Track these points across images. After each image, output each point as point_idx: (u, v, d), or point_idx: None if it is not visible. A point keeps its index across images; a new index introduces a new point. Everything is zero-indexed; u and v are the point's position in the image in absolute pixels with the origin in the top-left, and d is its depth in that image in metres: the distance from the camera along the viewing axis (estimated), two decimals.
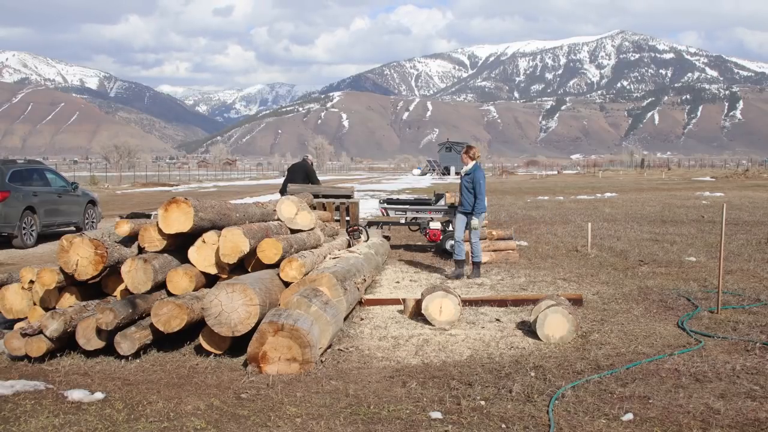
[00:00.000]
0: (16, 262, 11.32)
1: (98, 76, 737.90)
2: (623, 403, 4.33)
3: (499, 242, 10.87)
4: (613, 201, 25.61)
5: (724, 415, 4.11)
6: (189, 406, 4.38)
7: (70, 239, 5.79)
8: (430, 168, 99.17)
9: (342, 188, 12.31)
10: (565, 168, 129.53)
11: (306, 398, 4.51)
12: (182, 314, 5.49)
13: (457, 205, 10.01)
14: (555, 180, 60.33)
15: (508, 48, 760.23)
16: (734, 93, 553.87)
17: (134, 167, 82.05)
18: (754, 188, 34.66)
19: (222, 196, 32.86)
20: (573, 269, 9.83)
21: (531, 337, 6.06)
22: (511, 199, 28.40)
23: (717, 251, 9.57)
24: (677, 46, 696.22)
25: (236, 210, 6.79)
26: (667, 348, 5.63)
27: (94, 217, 16.31)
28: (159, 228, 5.97)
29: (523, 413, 4.18)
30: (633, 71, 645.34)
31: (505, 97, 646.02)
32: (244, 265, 6.47)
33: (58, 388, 4.77)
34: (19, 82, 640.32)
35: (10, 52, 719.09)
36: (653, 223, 16.40)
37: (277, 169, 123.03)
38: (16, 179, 13.59)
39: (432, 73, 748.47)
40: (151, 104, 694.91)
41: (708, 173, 64.01)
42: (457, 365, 5.23)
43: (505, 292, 8.19)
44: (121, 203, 28.27)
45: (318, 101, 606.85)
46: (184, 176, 76.09)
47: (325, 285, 6.22)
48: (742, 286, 8.30)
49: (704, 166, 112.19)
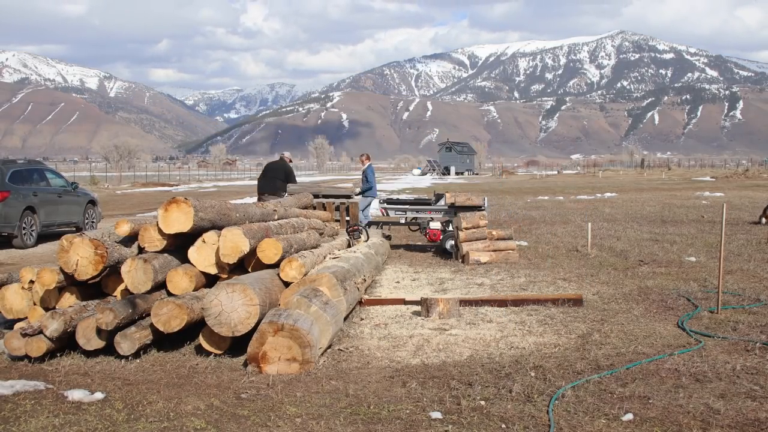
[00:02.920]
0: (16, 262, 11.32)
1: (98, 76, 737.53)
2: (623, 403, 4.33)
3: (499, 242, 10.87)
4: (613, 201, 25.61)
5: (724, 415, 4.11)
6: (189, 406, 4.38)
7: (70, 239, 5.79)
8: (430, 168, 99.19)
9: (342, 188, 12.31)
10: (565, 168, 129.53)
11: (306, 398, 4.51)
12: (182, 314, 5.49)
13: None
14: (555, 180, 60.34)
15: (508, 48, 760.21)
16: (734, 93, 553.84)
17: (134, 167, 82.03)
18: (754, 188, 34.67)
19: (222, 196, 32.85)
20: (573, 269, 9.83)
21: (530, 336, 6.07)
22: (511, 199, 28.40)
23: (717, 251, 9.57)
24: (677, 46, 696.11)
25: (236, 210, 6.79)
26: (667, 348, 5.63)
27: (94, 217, 16.31)
28: (159, 228, 5.96)
29: (523, 413, 4.18)
30: (633, 71, 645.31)
31: (505, 97, 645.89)
32: (244, 265, 6.46)
33: (58, 388, 4.76)
34: (19, 82, 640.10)
35: (10, 52, 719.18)
36: (653, 223, 16.40)
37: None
38: (16, 179, 13.59)
39: (432, 73, 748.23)
40: (151, 104, 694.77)
41: (708, 173, 64.01)
42: (457, 365, 5.23)
43: (505, 292, 8.18)
44: (121, 203, 28.27)
45: (318, 101, 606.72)
46: (184, 176, 76.09)
47: (325, 285, 6.21)
48: (742, 286, 8.30)
49: (704, 166, 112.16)
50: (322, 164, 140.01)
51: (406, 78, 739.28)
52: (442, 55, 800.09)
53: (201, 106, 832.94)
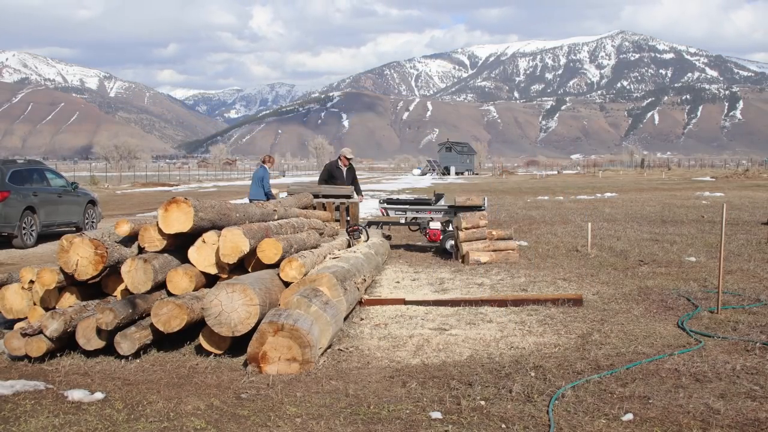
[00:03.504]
0: (16, 262, 11.32)
1: (98, 76, 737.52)
2: (623, 403, 4.33)
3: (499, 242, 10.86)
4: (613, 201, 25.61)
5: (724, 415, 4.11)
6: (189, 406, 4.38)
7: (70, 239, 5.79)
8: (430, 168, 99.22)
9: (342, 188, 12.29)
10: (565, 168, 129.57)
11: (306, 398, 4.51)
12: (182, 314, 5.49)
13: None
14: (555, 180, 60.33)
15: (508, 48, 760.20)
16: (734, 93, 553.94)
17: (134, 167, 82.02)
18: (754, 188, 34.66)
19: (222, 196, 32.84)
20: (573, 269, 9.82)
21: (530, 336, 6.06)
22: (511, 199, 28.40)
23: (717, 251, 9.57)
24: (677, 46, 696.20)
25: (236, 210, 6.79)
26: (667, 348, 5.63)
27: (94, 217, 16.32)
28: (159, 228, 5.96)
29: (523, 413, 4.18)
30: (633, 71, 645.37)
31: (505, 97, 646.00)
32: (244, 265, 6.46)
33: (58, 388, 4.77)
34: (19, 82, 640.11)
35: (10, 52, 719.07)
36: (653, 223, 16.40)
37: (277, 168, 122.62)
38: (16, 179, 13.59)
39: (432, 73, 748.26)
40: (151, 104, 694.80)
41: (708, 173, 64.02)
42: (457, 365, 5.23)
43: (505, 292, 8.18)
44: (121, 203, 28.28)
45: (318, 101, 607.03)
46: (184, 176, 76.09)
47: (325, 285, 6.21)
48: (742, 286, 8.30)
49: (704, 166, 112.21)
50: (322, 164, 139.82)
51: (406, 78, 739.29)
52: (442, 55, 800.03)
53: (201, 106, 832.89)
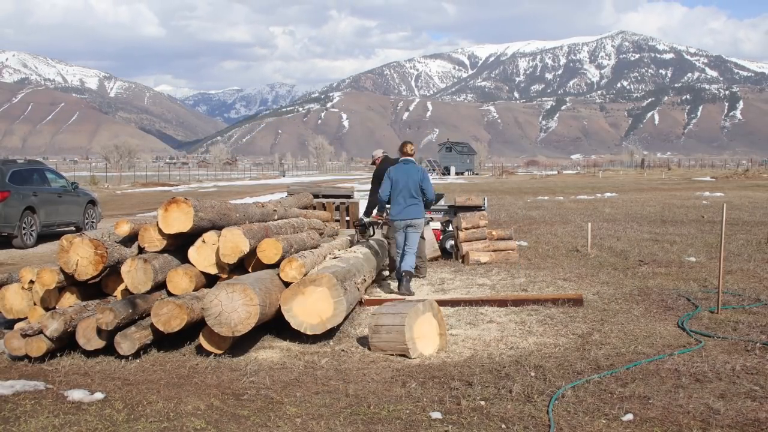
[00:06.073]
0: (16, 262, 11.31)
1: (98, 76, 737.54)
2: (623, 403, 4.33)
3: (499, 242, 10.86)
4: (613, 201, 25.61)
5: (724, 415, 4.11)
6: (189, 406, 4.38)
7: (70, 239, 5.79)
8: (430, 168, 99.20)
9: (342, 188, 12.29)
10: (565, 168, 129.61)
11: (306, 398, 4.51)
12: (182, 314, 5.48)
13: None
14: (555, 180, 60.32)
15: (508, 48, 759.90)
16: (734, 93, 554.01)
17: (134, 167, 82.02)
18: (754, 188, 34.66)
19: (222, 196, 32.84)
20: (573, 269, 9.82)
21: (530, 336, 6.06)
22: (511, 199, 28.40)
23: (717, 251, 9.57)
24: (677, 46, 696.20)
25: (236, 210, 6.79)
26: (667, 348, 5.63)
27: (94, 217, 16.31)
28: (159, 228, 5.96)
29: (523, 413, 4.18)
30: (633, 71, 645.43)
31: (505, 97, 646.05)
32: (244, 265, 6.46)
33: (58, 388, 4.76)
34: (19, 82, 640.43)
35: (10, 52, 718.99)
36: (653, 223, 16.40)
37: (277, 168, 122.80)
38: (16, 179, 13.59)
39: (432, 73, 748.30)
40: (151, 104, 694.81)
41: (708, 173, 64.01)
42: (457, 365, 5.23)
43: (505, 292, 8.18)
44: (121, 203, 28.28)
45: (318, 101, 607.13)
46: (184, 176, 76.09)
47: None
48: (742, 286, 8.30)
49: (704, 166, 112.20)
50: (322, 164, 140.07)
51: (406, 78, 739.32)
52: (442, 55, 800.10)
53: (201, 106, 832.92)
